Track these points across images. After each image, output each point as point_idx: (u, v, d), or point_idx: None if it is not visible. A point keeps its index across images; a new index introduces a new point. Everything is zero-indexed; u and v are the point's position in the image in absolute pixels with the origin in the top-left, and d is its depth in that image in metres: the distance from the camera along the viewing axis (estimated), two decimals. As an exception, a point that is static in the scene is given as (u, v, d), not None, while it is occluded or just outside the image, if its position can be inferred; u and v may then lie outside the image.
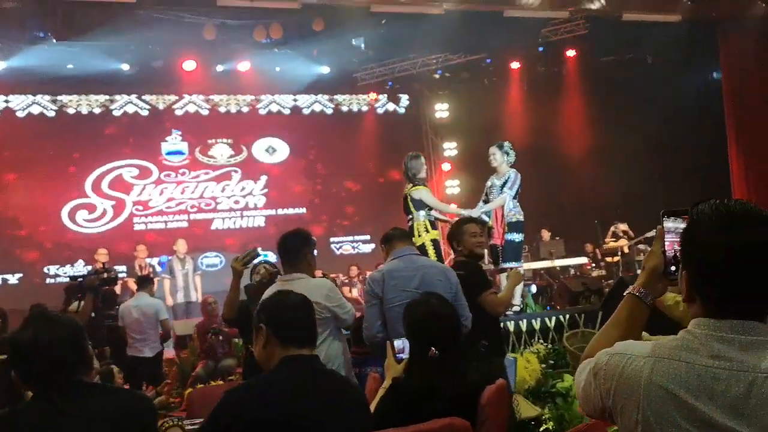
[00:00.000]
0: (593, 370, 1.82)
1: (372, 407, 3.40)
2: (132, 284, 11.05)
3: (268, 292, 4.86)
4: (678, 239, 1.87)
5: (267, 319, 2.85)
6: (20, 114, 15.04)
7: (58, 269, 14.69)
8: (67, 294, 9.19)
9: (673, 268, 1.92)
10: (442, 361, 3.44)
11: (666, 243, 1.96)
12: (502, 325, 6.63)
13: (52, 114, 15.26)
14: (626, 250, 13.86)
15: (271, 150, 16.88)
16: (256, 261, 5.96)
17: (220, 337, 9.38)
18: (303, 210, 16.44)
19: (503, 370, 5.09)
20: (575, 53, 16.62)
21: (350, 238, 16.83)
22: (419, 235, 8.13)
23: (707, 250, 1.71)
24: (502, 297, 5.54)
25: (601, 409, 1.82)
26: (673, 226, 1.92)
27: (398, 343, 3.71)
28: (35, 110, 15.16)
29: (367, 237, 16.78)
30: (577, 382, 1.93)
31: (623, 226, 14.42)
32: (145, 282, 9.77)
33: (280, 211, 16.47)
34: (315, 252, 5.02)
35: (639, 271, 2.12)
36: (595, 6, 13.79)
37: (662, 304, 3.92)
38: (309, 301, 3.03)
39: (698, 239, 1.74)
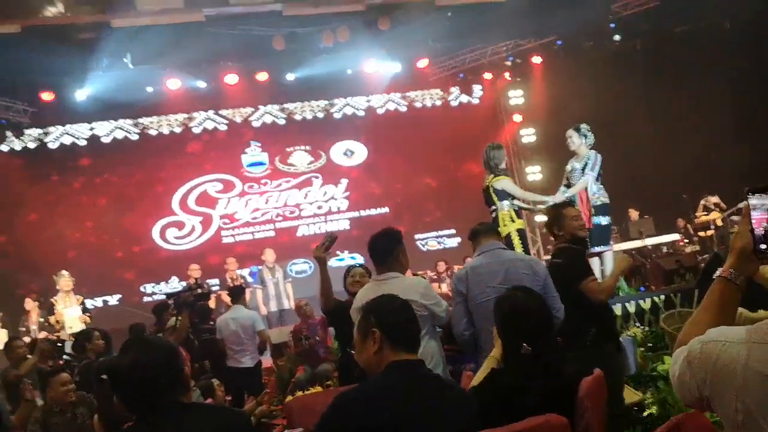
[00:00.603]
0: (687, 358, 1.78)
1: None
2: (225, 297, 11.25)
3: (363, 292, 4.95)
4: (767, 215, 1.81)
5: (380, 323, 2.89)
6: (105, 140, 15.52)
7: (153, 287, 15.11)
8: (156, 314, 9.44)
9: (763, 246, 1.85)
10: (535, 356, 3.39)
11: (753, 220, 1.89)
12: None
13: (135, 137, 15.71)
14: (719, 223, 13.45)
15: (349, 153, 17.00)
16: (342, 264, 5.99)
17: (317, 338, 9.47)
18: (386, 210, 16.49)
19: (612, 357, 5.03)
20: (648, 26, 16.21)
21: (435, 233, 16.80)
22: (504, 225, 8.04)
23: None
24: (605, 284, 5.40)
25: (698, 399, 1.78)
26: (759, 202, 1.85)
27: None
28: (119, 135, 15.63)
29: (452, 231, 16.75)
30: (671, 372, 1.89)
31: (714, 199, 14.03)
32: (237, 293, 9.83)
33: (363, 213, 16.55)
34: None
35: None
36: (666, -26, 13.46)
37: (762, 276, 3.78)
38: (410, 305, 3.09)
39: None
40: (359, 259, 13.81)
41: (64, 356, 8.66)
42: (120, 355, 2.65)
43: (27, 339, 9.99)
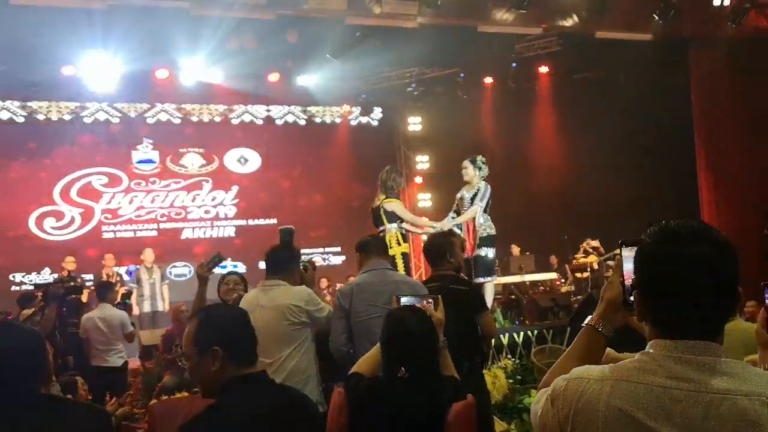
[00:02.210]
0: (551, 396, 1.81)
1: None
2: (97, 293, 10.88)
3: (250, 296, 5.01)
4: None
5: (221, 338, 2.64)
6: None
7: (23, 276, 14.49)
8: (21, 304, 9.05)
9: (632, 298, 1.88)
10: (411, 380, 3.36)
11: (624, 272, 1.95)
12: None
13: (21, 120, 15.10)
14: (596, 266, 13.92)
15: (243, 160, 16.82)
16: (223, 271, 5.90)
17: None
18: (273, 221, 16.34)
19: (482, 380, 5.14)
20: (548, 69, 16.76)
21: (320, 249, 16.77)
22: (390, 247, 8.10)
23: (656, 270, 1.73)
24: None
25: None
26: (631, 255, 1.87)
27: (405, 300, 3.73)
28: (4, 116, 15.00)
29: (338, 249, 16.75)
30: (533, 411, 1.91)
31: (594, 243, 14.50)
32: (105, 291, 9.34)
33: (251, 222, 16.39)
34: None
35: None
36: (568, 23, 13.90)
37: (636, 323, 3.90)
38: (247, 314, 2.91)
39: (647, 259, 1.76)
40: (241, 267, 13.67)
41: None
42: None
43: None
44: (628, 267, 1.91)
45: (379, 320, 3.77)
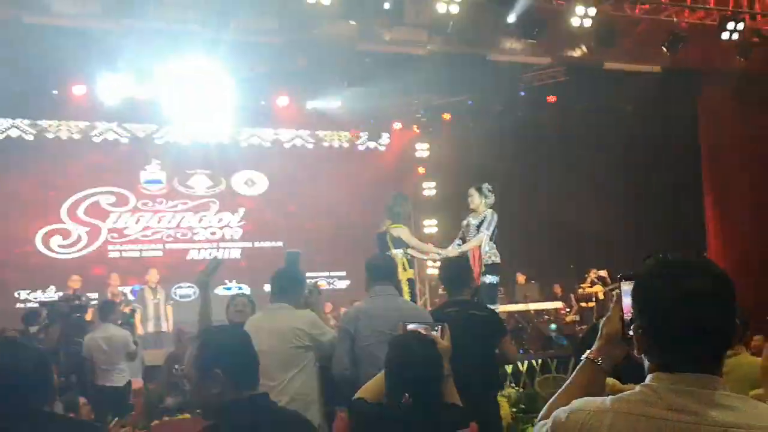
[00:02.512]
0: (551, 428, 1.81)
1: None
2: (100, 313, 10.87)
3: (254, 320, 5.00)
4: None
5: (222, 362, 2.65)
6: (-2, 137, 14.95)
7: (29, 294, 14.49)
8: (26, 321, 9.04)
9: (631, 332, 1.88)
10: (415, 407, 3.34)
11: (624, 307, 1.95)
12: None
13: (30, 138, 15.19)
14: (601, 296, 13.91)
15: (250, 182, 16.87)
16: (230, 292, 5.91)
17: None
18: (279, 243, 16.33)
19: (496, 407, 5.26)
20: (555, 99, 16.81)
21: (326, 273, 16.75)
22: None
23: (655, 302, 1.73)
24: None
25: None
26: (630, 288, 1.87)
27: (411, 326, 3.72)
28: (14, 134, 15.08)
29: (343, 273, 16.73)
30: None
31: (602, 273, 14.48)
32: (107, 311, 9.30)
33: (257, 244, 16.41)
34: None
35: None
36: (576, 54, 13.95)
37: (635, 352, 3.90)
38: (248, 336, 2.90)
39: (646, 291, 1.77)
40: (246, 289, 13.66)
41: None
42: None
43: None
44: (627, 301, 1.92)
45: (383, 346, 3.76)
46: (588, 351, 2.04)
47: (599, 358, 2.01)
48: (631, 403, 1.71)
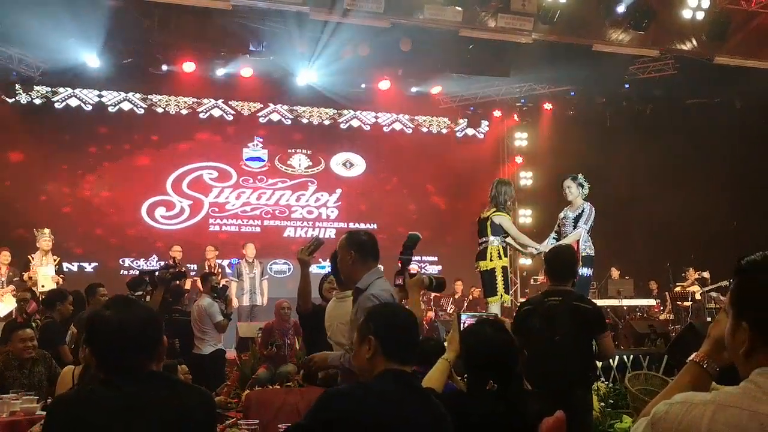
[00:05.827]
0: (651, 421, 1.76)
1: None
2: (200, 283, 11.24)
3: (328, 307, 5.16)
4: None
5: (377, 331, 2.90)
6: (111, 109, 15.52)
7: (132, 261, 15.09)
8: (130, 288, 9.40)
9: None
10: (500, 393, 3.38)
11: None
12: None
13: (141, 111, 15.72)
14: (698, 297, 13.56)
15: (349, 164, 17.08)
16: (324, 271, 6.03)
17: (287, 341, 9.45)
18: (374, 226, 16.46)
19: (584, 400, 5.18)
20: (661, 93, 16.40)
21: (417, 258, 16.80)
22: (491, 260, 8.15)
23: (765, 296, 1.69)
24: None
25: None
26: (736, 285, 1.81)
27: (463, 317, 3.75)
28: (126, 107, 15.63)
29: (434, 258, 16.77)
30: None
31: (705, 274, 14.09)
32: (201, 282, 10.21)
33: (352, 225, 16.56)
34: None
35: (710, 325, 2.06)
36: (686, 47, 13.61)
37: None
38: (416, 319, 3.13)
39: (756, 286, 1.72)
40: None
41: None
42: (101, 308, 2.61)
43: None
44: None
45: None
46: (693, 354, 2.00)
47: (705, 361, 1.97)
48: (735, 397, 1.66)
